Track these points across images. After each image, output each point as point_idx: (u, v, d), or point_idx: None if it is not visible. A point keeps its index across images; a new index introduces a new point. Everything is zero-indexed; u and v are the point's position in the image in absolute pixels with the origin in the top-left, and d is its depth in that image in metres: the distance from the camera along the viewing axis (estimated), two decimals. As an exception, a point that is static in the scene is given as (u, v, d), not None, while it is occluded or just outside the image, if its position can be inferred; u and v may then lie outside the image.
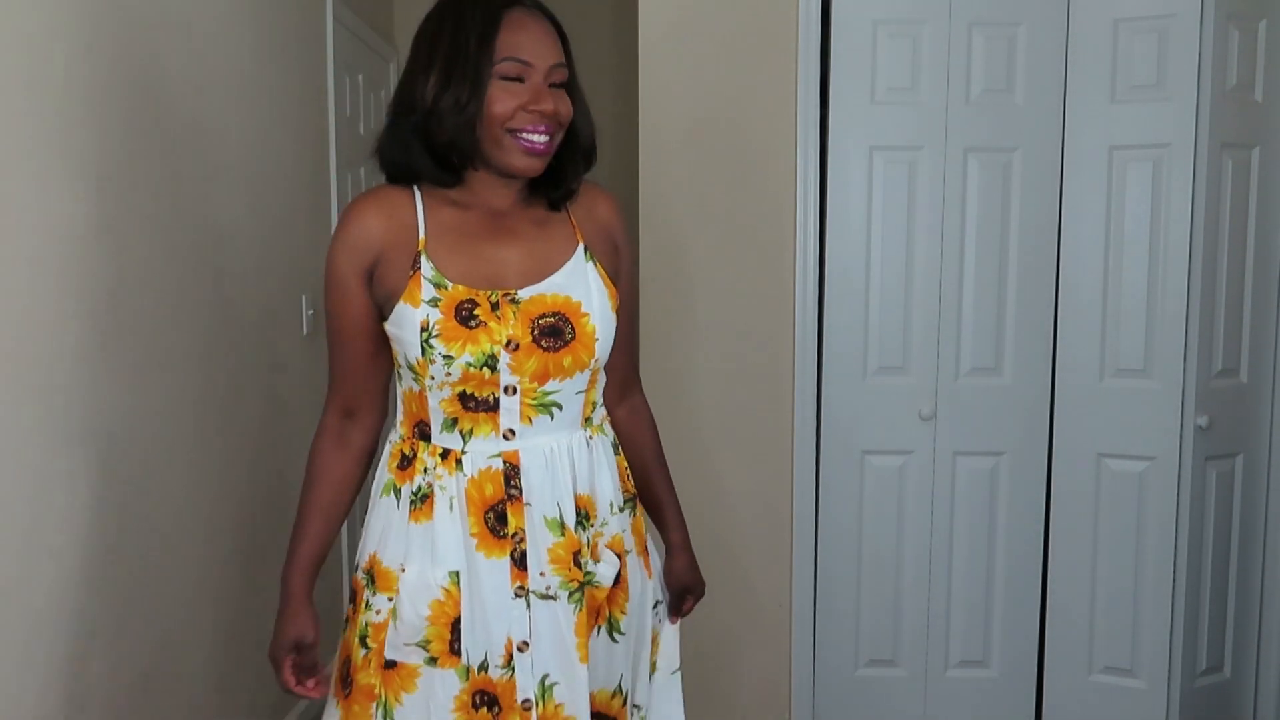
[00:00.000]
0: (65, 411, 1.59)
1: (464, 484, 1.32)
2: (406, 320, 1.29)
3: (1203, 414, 2.52)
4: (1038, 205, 2.58)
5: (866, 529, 2.68)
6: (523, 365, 1.30)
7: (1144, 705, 2.61)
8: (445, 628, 1.31)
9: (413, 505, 1.33)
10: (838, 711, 2.72)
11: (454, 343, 1.27)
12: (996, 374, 2.63)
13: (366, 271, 1.32)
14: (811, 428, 2.64)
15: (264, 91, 2.40)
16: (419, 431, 1.35)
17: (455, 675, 1.31)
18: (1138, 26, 2.48)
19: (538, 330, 1.30)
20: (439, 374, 1.29)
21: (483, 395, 1.31)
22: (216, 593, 2.13)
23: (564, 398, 1.34)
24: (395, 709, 1.32)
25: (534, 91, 1.28)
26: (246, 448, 2.28)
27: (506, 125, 1.27)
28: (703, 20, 2.56)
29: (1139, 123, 2.50)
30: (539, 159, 1.30)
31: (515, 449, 1.32)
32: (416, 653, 1.32)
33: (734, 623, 2.69)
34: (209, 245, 2.10)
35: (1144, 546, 2.59)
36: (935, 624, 2.69)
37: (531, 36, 1.29)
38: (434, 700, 1.31)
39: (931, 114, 2.56)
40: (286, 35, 2.56)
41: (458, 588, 1.31)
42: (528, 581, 1.32)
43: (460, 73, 1.26)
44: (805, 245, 2.59)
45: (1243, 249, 2.57)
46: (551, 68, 1.30)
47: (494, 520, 1.32)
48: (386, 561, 1.34)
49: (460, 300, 1.29)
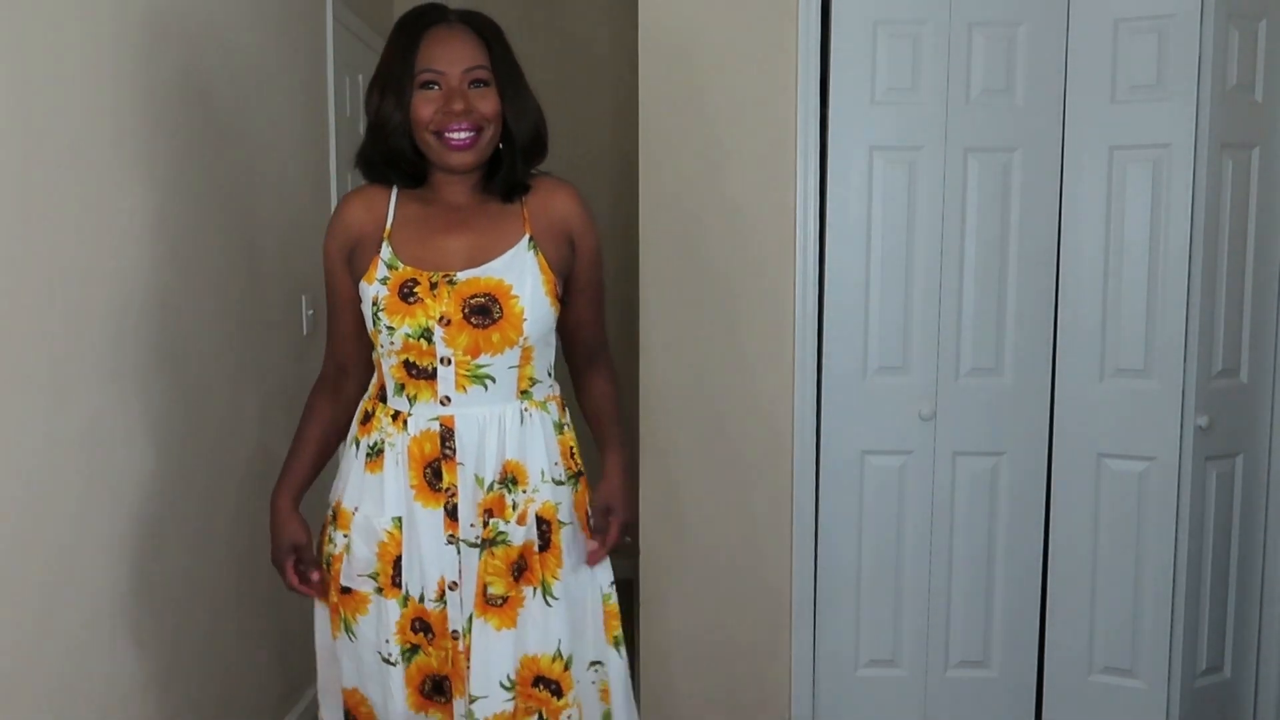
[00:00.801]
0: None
1: (407, 442, 1.54)
2: (365, 296, 1.55)
3: (1203, 414, 2.52)
4: (1038, 205, 2.58)
5: (866, 529, 2.68)
6: (455, 339, 1.50)
7: (1144, 705, 2.61)
8: (389, 564, 1.56)
9: (368, 457, 1.58)
10: (838, 711, 2.72)
11: (395, 315, 1.51)
12: (996, 374, 2.63)
13: (347, 255, 1.59)
14: (811, 428, 2.64)
15: (264, 91, 2.41)
16: (380, 393, 1.60)
17: (396, 604, 1.56)
18: (1138, 26, 2.48)
19: (468, 309, 1.50)
20: (385, 343, 1.53)
21: (423, 365, 1.53)
22: (216, 591, 2.13)
23: (496, 371, 1.54)
24: (353, 624, 1.59)
25: (447, 95, 1.49)
26: (243, 447, 2.28)
27: (430, 128, 1.50)
28: (703, 20, 2.56)
29: (1139, 123, 2.50)
30: (465, 153, 1.51)
31: (451, 414, 1.53)
32: (367, 582, 1.57)
33: (734, 623, 2.69)
34: (218, 246, 2.10)
35: (1144, 546, 2.59)
36: (935, 624, 2.69)
37: (445, 48, 1.50)
38: (381, 622, 1.56)
39: (931, 114, 2.56)
40: (286, 35, 2.56)
41: (400, 531, 1.55)
42: (458, 531, 1.55)
43: (391, 88, 1.50)
44: (805, 245, 2.59)
45: (1243, 249, 2.57)
46: (465, 71, 1.50)
47: (431, 475, 1.54)
48: (346, 503, 1.59)
49: (405, 279, 1.52)
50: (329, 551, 1.61)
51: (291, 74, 2.60)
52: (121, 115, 1.74)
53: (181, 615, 1.97)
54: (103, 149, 1.67)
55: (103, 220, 1.67)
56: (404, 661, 1.58)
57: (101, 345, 1.67)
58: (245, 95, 2.29)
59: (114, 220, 1.71)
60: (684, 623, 2.70)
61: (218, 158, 2.13)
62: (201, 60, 2.06)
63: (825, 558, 2.68)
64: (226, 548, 2.16)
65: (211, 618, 2.10)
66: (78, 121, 1.60)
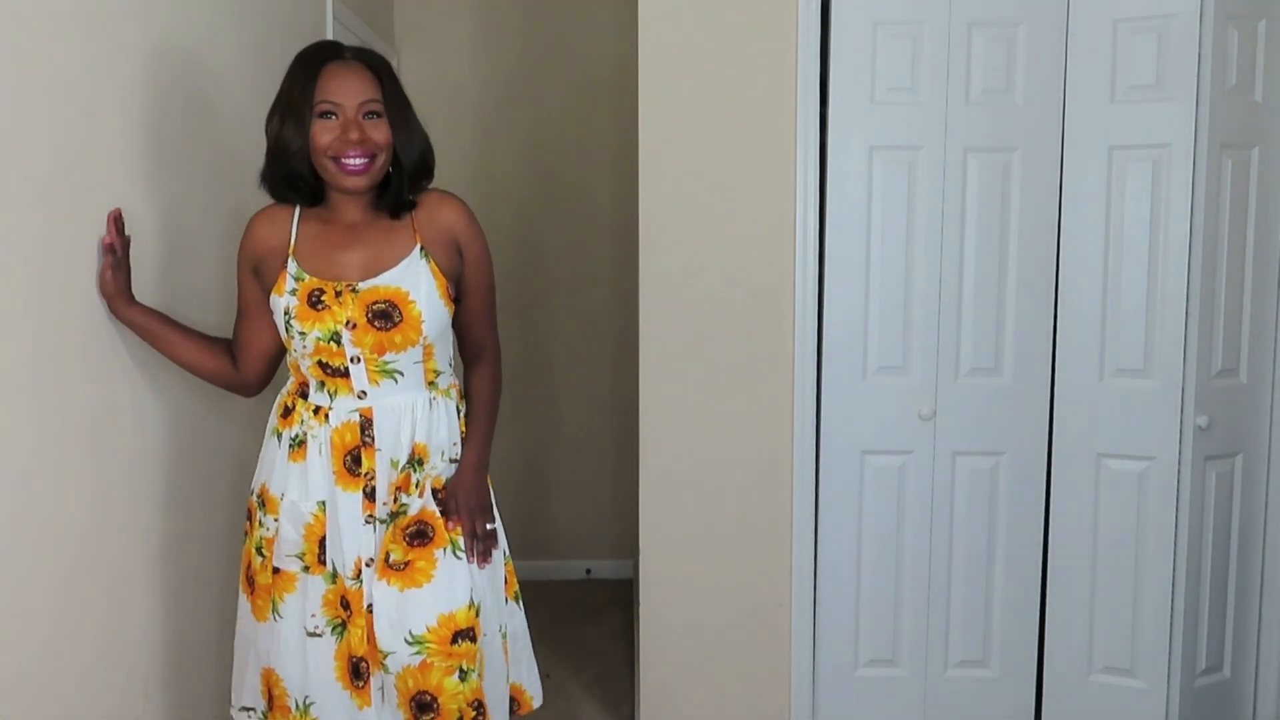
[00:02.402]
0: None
1: (329, 433, 1.71)
2: (276, 306, 1.72)
3: (1203, 414, 2.52)
4: (1037, 205, 2.58)
5: (866, 529, 2.68)
6: (362, 340, 1.67)
7: (1144, 705, 2.61)
8: (315, 544, 1.72)
9: (291, 448, 1.73)
10: (838, 711, 2.72)
11: (306, 321, 1.67)
12: (996, 374, 2.63)
13: (253, 268, 1.76)
14: (811, 428, 2.64)
15: (263, 91, 2.40)
16: (300, 390, 1.76)
17: (323, 580, 1.72)
18: (1138, 26, 2.48)
19: (370, 314, 1.67)
20: (299, 346, 1.70)
21: (335, 364, 1.70)
22: (215, 592, 2.12)
23: (403, 366, 1.71)
24: (279, 604, 1.74)
25: (344, 125, 1.64)
26: (226, 449, 2.28)
27: (328, 153, 1.65)
28: (702, 20, 2.56)
29: (1139, 123, 2.50)
30: (359, 177, 1.66)
31: (369, 406, 1.71)
32: (295, 562, 1.73)
33: (734, 622, 2.69)
34: (216, 242, 2.10)
35: (1144, 546, 2.59)
36: (935, 624, 2.69)
37: (342, 82, 1.65)
38: (308, 598, 1.72)
39: (931, 114, 2.56)
40: (286, 35, 2.56)
41: (324, 513, 1.72)
42: (375, 510, 1.72)
43: (291, 116, 1.65)
44: (805, 245, 2.59)
45: (1242, 249, 2.57)
46: (361, 104, 1.65)
47: (350, 462, 1.71)
48: (272, 490, 1.75)
49: (312, 289, 1.69)
50: (261, 535, 1.76)
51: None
52: (131, 119, 1.76)
53: (181, 614, 1.96)
54: (111, 154, 1.70)
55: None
56: (334, 636, 1.73)
57: (112, 336, 1.71)
58: (244, 95, 2.28)
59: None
60: (684, 622, 2.70)
61: (217, 159, 2.13)
62: (202, 62, 2.06)
63: (825, 558, 2.68)
64: (225, 545, 2.16)
65: (216, 616, 2.10)
66: (90, 127, 1.63)
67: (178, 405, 1.95)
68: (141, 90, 1.80)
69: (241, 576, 1.83)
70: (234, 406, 2.23)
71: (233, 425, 2.21)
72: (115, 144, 1.72)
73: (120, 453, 1.75)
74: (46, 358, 1.53)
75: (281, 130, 1.66)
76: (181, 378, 1.96)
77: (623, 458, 3.91)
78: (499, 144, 3.89)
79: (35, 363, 1.51)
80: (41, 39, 1.50)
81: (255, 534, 1.77)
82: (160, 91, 1.87)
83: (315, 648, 1.72)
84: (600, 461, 4.03)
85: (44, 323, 1.53)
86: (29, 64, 1.47)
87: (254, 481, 1.80)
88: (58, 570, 1.57)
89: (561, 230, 3.94)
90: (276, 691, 1.76)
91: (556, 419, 3.98)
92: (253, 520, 1.79)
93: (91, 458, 1.66)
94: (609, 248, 3.93)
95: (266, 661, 1.76)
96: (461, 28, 3.87)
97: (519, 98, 3.88)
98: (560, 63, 3.88)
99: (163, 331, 1.73)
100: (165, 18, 1.90)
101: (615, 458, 3.99)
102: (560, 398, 3.99)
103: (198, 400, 2.04)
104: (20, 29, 1.45)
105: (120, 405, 1.75)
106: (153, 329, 1.71)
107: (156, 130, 1.85)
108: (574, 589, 3.94)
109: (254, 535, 1.78)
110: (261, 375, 1.83)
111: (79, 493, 1.63)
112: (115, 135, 1.71)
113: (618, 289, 3.90)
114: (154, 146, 1.84)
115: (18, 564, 1.48)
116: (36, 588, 1.52)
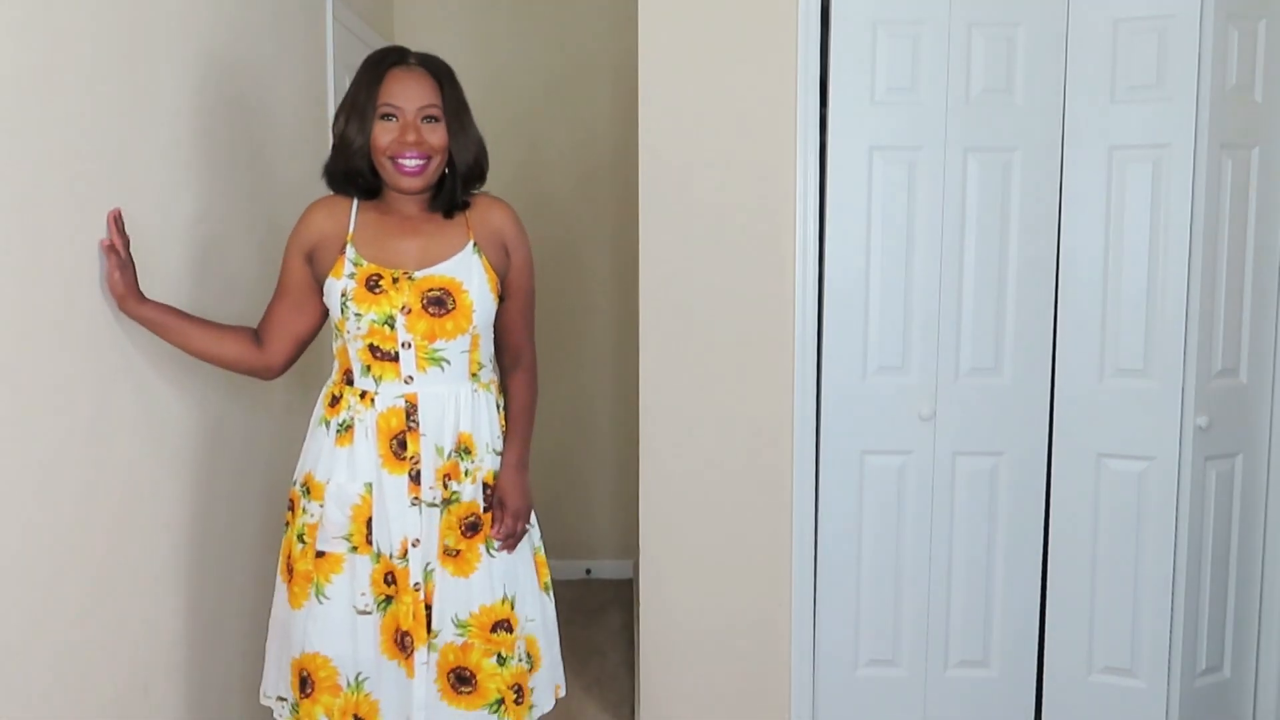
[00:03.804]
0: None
1: (375, 417, 1.77)
2: (332, 289, 1.78)
3: (1203, 414, 2.52)
4: (1037, 205, 2.58)
5: (866, 529, 2.68)
6: (415, 325, 1.75)
7: (1144, 705, 2.61)
8: (362, 525, 1.78)
9: (338, 433, 1.79)
10: (838, 711, 2.72)
11: (363, 303, 1.75)
12: (996, 374, 2.63)
13: (307, 253, 1.83)
14: (811, 428, 2.64)
15: (262, 92, 2.40)
16: (346, 378, 1.81)
17: (370, 559, 1.79)
18: (1137, 26, 2.48)
19: (425, 300, 1.76)
20: (352, 328, 1.76)
21: (387, 348, 1.76)
22: (244, 586, 2.13)
23: (450, 355, 1.78)
24: (325, 585, 1.79)
25: (403, 127, 1.74)
26: (234, 451, 2.28)
27: (386, 154, 1.75)
28: (702, 20, 2.56)
29: (1139, 123, 2.50)
30: (415, 178, 1.76)
31: (414, 392, 1.77)
32: (341, 544, 1.79)
33: (734, 622, 2.69)
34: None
35: (1144, 546, 2.59)
36: (935, 624, 2.69)
37: (403, 87, 1.75)
38: (356, 577, 1.79)
39: (931, 114, 2.56)
40: (286, 35, 2.56)
41: (370, 495, 1.78)
42: (420, 493, 1.78)
43: (356, 116, 1.75)
44: (805, 245, 2.59)
45: (1242, 249, 2.57)
46: (420, 108, 1.75)
47: (396, 446, 1.77)
48: (318, 477, 1.80)
49: (370, 274, 1.77)
50: (303, 522, 1.81)
51: (291, 74, 2.60)
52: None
53: (183, 614, 1.97)
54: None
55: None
56: (380, 611, 1.79)
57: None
58: (244, 97, 2.28)
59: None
60: (683, 622, 2.70)
61: (234, 159, 2.13)
62: (208, 64, 2.06)
63: (825, 558, 2.68)
64: (224, 545, 2.16)
65: (225, 614, 2.10)
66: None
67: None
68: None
69: (281, 565, 1.87)
70: (264, 403, 2.23)
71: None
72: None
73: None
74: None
75: (346, 129, 1.76)
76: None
77: (623, 458, 3.92)
78: (498, 144, 3.89)
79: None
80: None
81: (297, 522, 1.83)
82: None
83: (364, 625, 1.79)
84: (600, 461, 4.03)
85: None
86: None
87: (297, 472, 1.87)
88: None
89: (562, 230, 3.94)
90: (322, 675, 1.79)
91: (556, 419, 3.97)
92: (295, 509, 1.84)
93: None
94: (608, 247, 3.93)
95: (304, 649, 1.79)
96: (461, 28, 3.87)
97: (519, 98, 3.88)
98: (559, 63, 3.88)
99: (177, 324, 1.76)
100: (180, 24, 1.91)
101: (615, 458, 3.99)
102: (560, 398, 3.99)
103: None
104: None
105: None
106: (167, 323, 1.75)
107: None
108: (574, 589, 3.94)
109: (295, 523, 1.83)
110: (287, 357, 1.88)
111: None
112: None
113: (618, 289, 3.90)
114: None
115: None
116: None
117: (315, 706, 1.80)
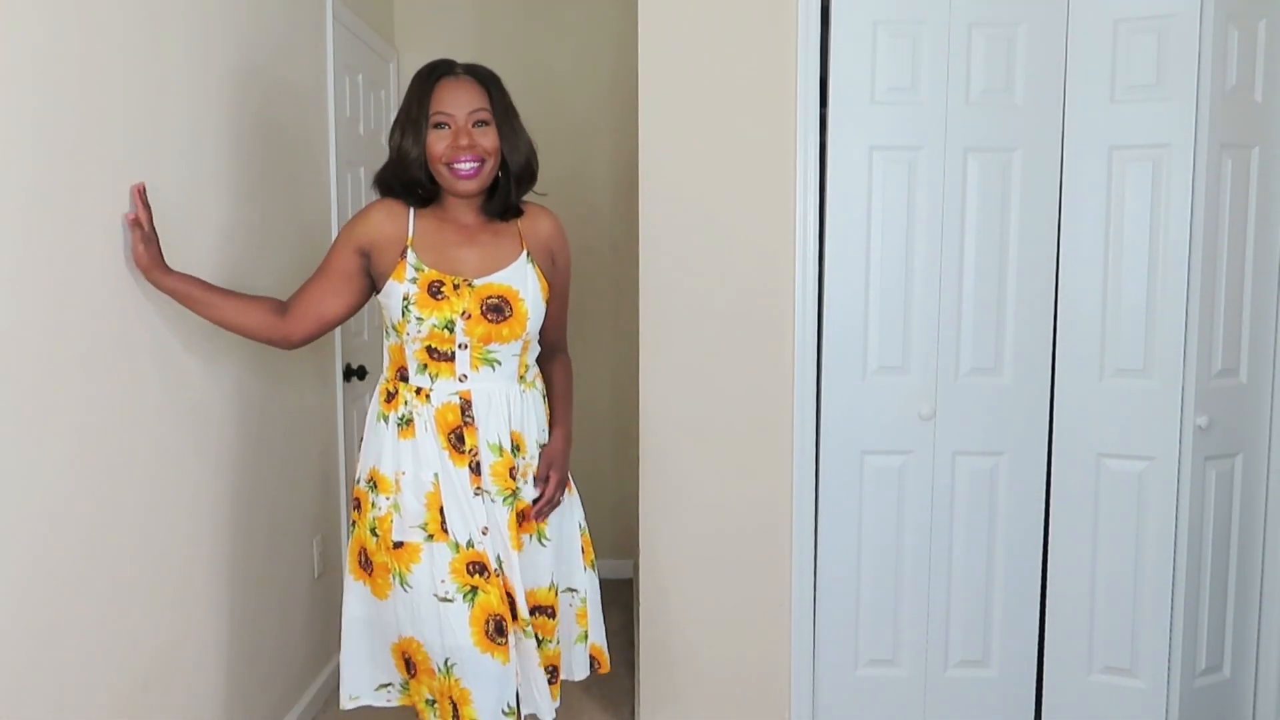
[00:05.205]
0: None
1: (432, 412, 1.84)
2: (393, 292, 1.84)
3: (1202, 414, 2.52)
4: (1037, 205, 2.58)
5: (866, 529, 2.68)
6: (473, 330, 1.83)
7: (1144, 705, 2.61)
8: (437, 512, 1.84)
9: (399, 427, 1.86)
10: (838, 711, 2.72)
11: (425, 308, 1.82)
12: (996, 374, 2.63)
13: (361, 247, 1.88)
14: (811, 428, 2.64)
15: (263, 91, 2.41)
16: (400, 375, 1.89)
17: (447, 547, 1.84)
18: (1137, 26, 2.48)
19: (485, 307, 1.84)
20: (413, 331, 1.83)
21: (443, 349, 1.84)
22: (218, 592, 2.13)
23: (502, 356, 1.87)
24: (407, 575, 1.84)
25: (456, 133, 1.82)
26: (247, 449, 2.28)
27: (442, 160, 1.83)
28: (702, 21, 2.56)
29: (1139, 123, 2.50)
30: (471, 181, 1.84)
31: (468, 389, 1.85)
32: (418, 533, 1.84)
33: (734, 622, 2.69)
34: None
35: (1144, 546, 2.59)
36: (935, 624, 2.69)
37: (453, 95, 1.83)
38: (435, 564, 1.83)
39: (931, 114, 2.56)
40: (286, 35, 2.56)
41: (439, 484, 1.84)
42: (481, 483, 1.85)
43: (410, 129, 1.83)
44: (805, 245, 2.59)
45: (1242, 249, 2.57)
46: (470, 113, 1.83)
47: (455, 439, 1.84)
48: (384, 470, 1.86)
49: (432, 280, 1.83)
50: (373, 517, 1.86)
51: (291, 74, 2.60)
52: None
53: (182, 615, 1.97)
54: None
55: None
56: (467, 602, 1.83)
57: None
58: (243, 96, 2.29)
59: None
60: (684, 622, 2.70)
61: (252, 164, 2.14)
62: (208, 60, 2.06)
63: (825, 558, 2.68)
64: (227, 547, 2.16)
65: (216, 617, 2.10)
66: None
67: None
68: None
69: (354, 564, 1.91)
70: (238, 415, 2.24)
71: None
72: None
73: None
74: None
75: (402, 141, 1.83)
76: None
77: (623, 458, 3.91)
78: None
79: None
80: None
81: (367, 518, 1.88)
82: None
83: (448, 612, 1.82)
84: (600, 461, 4.03)
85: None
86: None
87: (360, 470, 1.92)
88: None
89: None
90: (419, 658, 1.86)
91: (556, 419, 3.97)
92: (363, 507, 1.89)
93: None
94: (608, 246, 3.93)
95: (407, 631, 1.85)
96: (461, 28, 3.87)
97: (518, 98, 3.87)
98: (559, 63, 3.87)
99: (202, 295, 1.83)
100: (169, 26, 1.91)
101: (615, 458, 3.99)
102: (560, 398, 3.99)
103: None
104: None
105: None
106: (192, 294, 1.82)
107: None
108: (574, 589, 3.94)
109: (365, 520, 1.88)
110: (308, 333, 1.92)
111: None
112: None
113: (618, 288, 3.90)
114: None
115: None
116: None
117: (421, 686, 1.88)
